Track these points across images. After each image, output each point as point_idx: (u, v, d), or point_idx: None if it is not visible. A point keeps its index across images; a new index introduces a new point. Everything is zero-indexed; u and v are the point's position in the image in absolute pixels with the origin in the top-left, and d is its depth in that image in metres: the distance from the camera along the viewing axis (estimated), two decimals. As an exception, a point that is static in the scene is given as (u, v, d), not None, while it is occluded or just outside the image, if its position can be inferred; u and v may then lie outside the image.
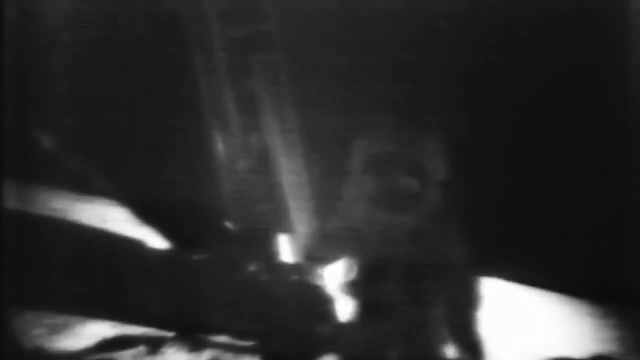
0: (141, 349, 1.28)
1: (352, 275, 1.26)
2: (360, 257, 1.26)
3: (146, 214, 1.34)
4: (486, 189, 1.24)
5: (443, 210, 1.24)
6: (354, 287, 1.26)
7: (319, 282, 1.29)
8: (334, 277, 1.28)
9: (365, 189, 1.23)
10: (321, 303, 1.29)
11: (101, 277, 1.28)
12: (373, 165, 1.23)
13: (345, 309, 1.27)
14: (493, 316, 1.25)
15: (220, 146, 1.33)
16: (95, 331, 1.29)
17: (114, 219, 1.33)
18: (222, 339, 1.28)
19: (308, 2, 1.29)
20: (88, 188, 1.33)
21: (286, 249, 1.33)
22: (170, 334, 1.29)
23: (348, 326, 1.26)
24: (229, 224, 1.33)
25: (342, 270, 1.27)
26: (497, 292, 1.27)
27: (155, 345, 1.28)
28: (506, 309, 1.26)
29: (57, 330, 1.29)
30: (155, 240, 1.33)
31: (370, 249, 1.25)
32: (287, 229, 1.33)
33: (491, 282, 1.27)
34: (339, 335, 1.27)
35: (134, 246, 1.32)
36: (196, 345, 1.28)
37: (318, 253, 1.30)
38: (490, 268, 1.27)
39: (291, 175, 1.32)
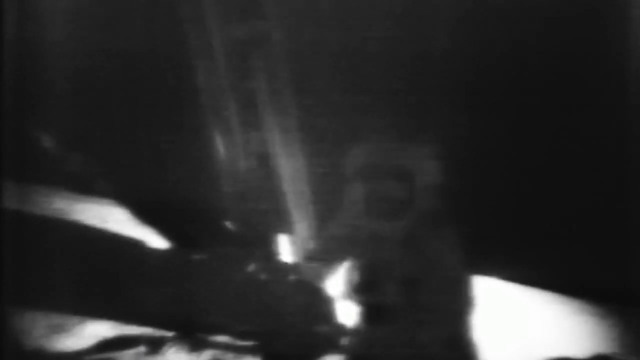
0: (141, 349, 1.28)
1: (351, 279, 1.27)
2: (358, 261, 1.26)
3: (146, 214, 1.34)
4: (485, 190, 1.24)
5: (437, 214, 1.24)
6: (353, 291, 1.26)
7: (318, 283, 1.29)
8: (334, 281, 1.28)
9: (357, 197, 1.25)
10: (321, 303, 1.29)
11: (101, 277, 1.28)
12: (364, 173, 1.24)
13: (344, 310, 1.27)
14: (493, 316, 1.25)
15: (220, 146, 1.33)
16: (95, 331, 1.29)
17: (114, 219, 1.33)
18: (222, 339, 1.28)
19: (308, 2, 1.29)
20: (88, 188, 1.33)
21: (286, 249, 1.33)
22: (170, 334, 1.29)
23: (347, 327, 1.27)
24: (229, 224, 1.33)
25: (340, 274, 1.27)
26: (497, 292, 1.27)
27: (155, 345, 1.28)
28: (506, 309, 1.26)
29: (57, 330, 1.29)
30: (155, 240, 1.33)
31: (367, 254, 1.25)
32: (287, 229, 1.33)
33: (491, 283, 1.27)
34: (339, 335, 1.27)
35: (134, 246, 1.32)
36: (196, 345, 1.28)
37: (317, 257, 1.31)
38: (490, 268, 1.27)
39: (291, 175, 1.32)
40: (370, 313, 1.26)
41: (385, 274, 1.24)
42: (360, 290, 1.26)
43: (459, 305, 1.25)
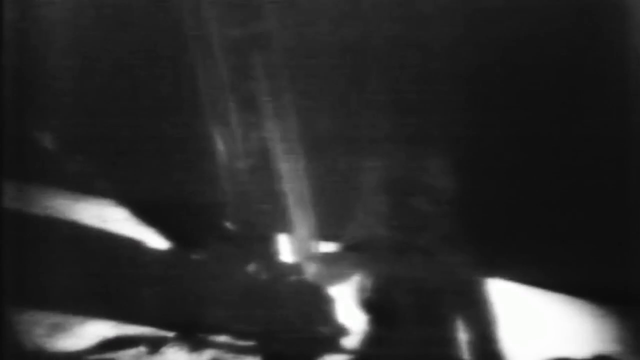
0: (141, 349, 1.28)
1: (365, 292, 1.27)
2: (373, 274, 1.26)
3: (146, 214, 1.34)
4: (486, 192, 1.24)
5: (453, 224, 1.25)
6: (366, 304, 1.26)
7: (319, 282, 1.29)
8: (347, 286, 1.28)
9: (378, 210, 1.25)
10: (321, 303, 1.29)
11: (101, 277, 1.28)
12: (384, 187, 1.25)
13: (345, 311, 1.28)
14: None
15: (220, 147, 1.33)
16: (95, 331, 1.29)
17: (114, 219, 1.33)
18: (222, 339, 1.28)
19: (308, 2, 1.29)
20: (88, 188, 1.33)
21: (286, 249, 1.33)
22: (170, 334, 1.29)
23: (348, 328, 1.27)
24: (229, 224, 1.33)
25: (355, 281, 1.28)
26: (499, 292, 1.27)
27: (155, 345, 1.28)
28: (507, 309, 1.26)
29: (57, 330, 1.29)
30: (155, 240, 1.33)
31: (385, 263, 1.26)
32: (287, 229, 1.33)
33: (493, 283, 1.27)
34: (339, 335, 1.27)
35: (134, 246, 1.32)
36: (196, 345, 1.28)
37: (331, 261, 1.31)
38: (494, 269, 1.27)
39: (291, 175, 1.32)
40: (382, 319, 1.26)
41: (402, 283, 1.24)
42: (374, 303, 1.26)
43: (475, 312, 1.26)
